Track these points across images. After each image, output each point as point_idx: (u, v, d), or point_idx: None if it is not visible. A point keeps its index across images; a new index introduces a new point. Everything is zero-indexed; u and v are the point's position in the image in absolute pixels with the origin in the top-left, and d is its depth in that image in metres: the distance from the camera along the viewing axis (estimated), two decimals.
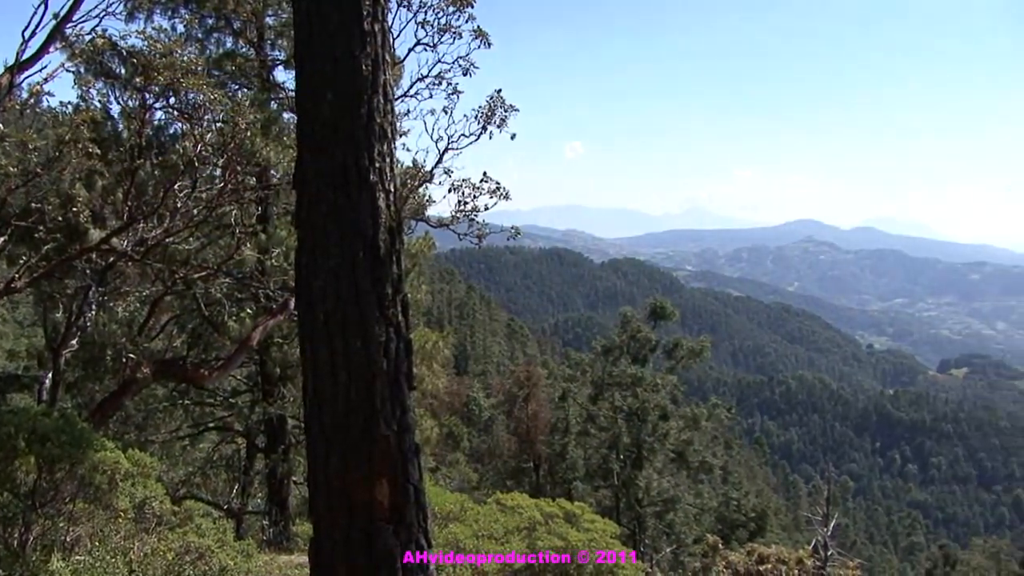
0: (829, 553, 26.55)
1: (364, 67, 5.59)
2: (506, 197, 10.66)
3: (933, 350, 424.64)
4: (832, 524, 29.40)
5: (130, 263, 13.52)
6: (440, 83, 10.64)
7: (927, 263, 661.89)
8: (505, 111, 10.23)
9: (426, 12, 10.14)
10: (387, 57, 5.83)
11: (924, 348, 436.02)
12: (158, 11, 17.96)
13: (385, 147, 5.68)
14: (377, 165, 5.60)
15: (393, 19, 8.58)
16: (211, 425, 23.60)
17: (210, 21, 19.17)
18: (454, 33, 10.31)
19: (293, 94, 6.56)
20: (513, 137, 10.32)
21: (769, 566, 19.57)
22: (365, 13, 5.60)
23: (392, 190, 5.76)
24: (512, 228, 11.64)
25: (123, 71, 13.81)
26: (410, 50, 10.51)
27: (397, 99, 10.71)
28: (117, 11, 14.68)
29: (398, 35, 9.07)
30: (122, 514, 9.26)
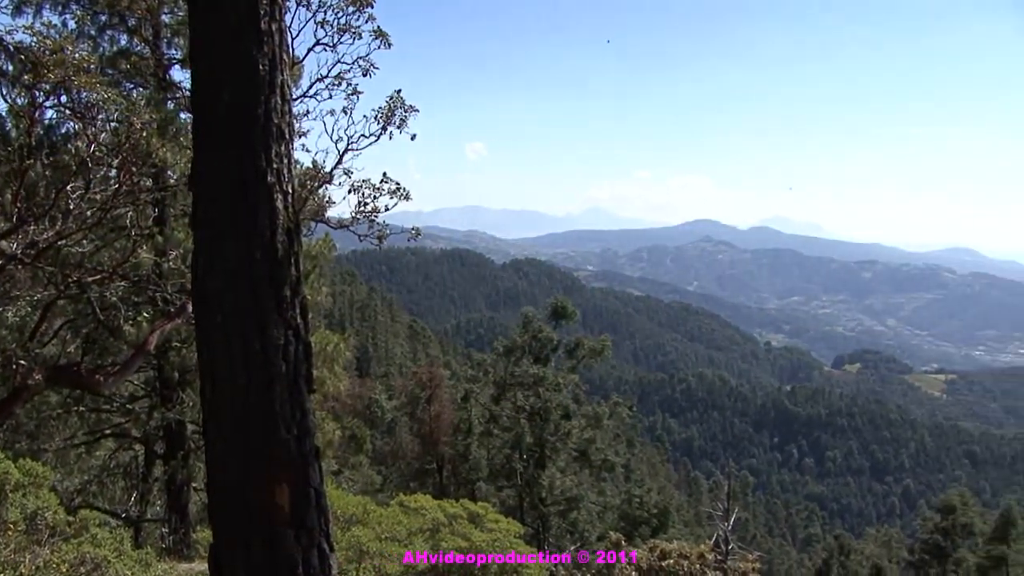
0: (730, 547, 26.97)
1: (261, 67, 5.51)
2: (407, 198, 10.60)
3: (828, 346, 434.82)
4: (732, 518, 29.88)
5: (20, 267, 13.16)
6: (340, 83, 10.53)
7: (821, 262, 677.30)
8: (405, 111, 10.17)
9: (325, 12, 10.01)
10: (285, 57, 5.76)
11: (819, 345, 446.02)
12: (47, 6, 17.53)
13: (283, 148, 5.62)
14: (275, 166, 5.53)
15: (292, 18, 8.46)
16: (107, 432, 23.00)
17: (103, 18, 18.74)
18: (354, 33, 10.21)
19: (190, 94, 6.43)
20: (413, 138, 10.27)
21: (671, 561, 19.76)
22: (262, 12, 5.52)
23: (290, 191, 5.70)
24: (413, 229, 11.57)
25: (10, 68, 13.46)
26: (309, 50, 10.38)
27: (296, 99, 10.59)
28: (3, 4, 14.31)
29: (297, 35, 8.94)
30: (12, 527, 9.02)
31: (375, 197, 10.51)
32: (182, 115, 16.88)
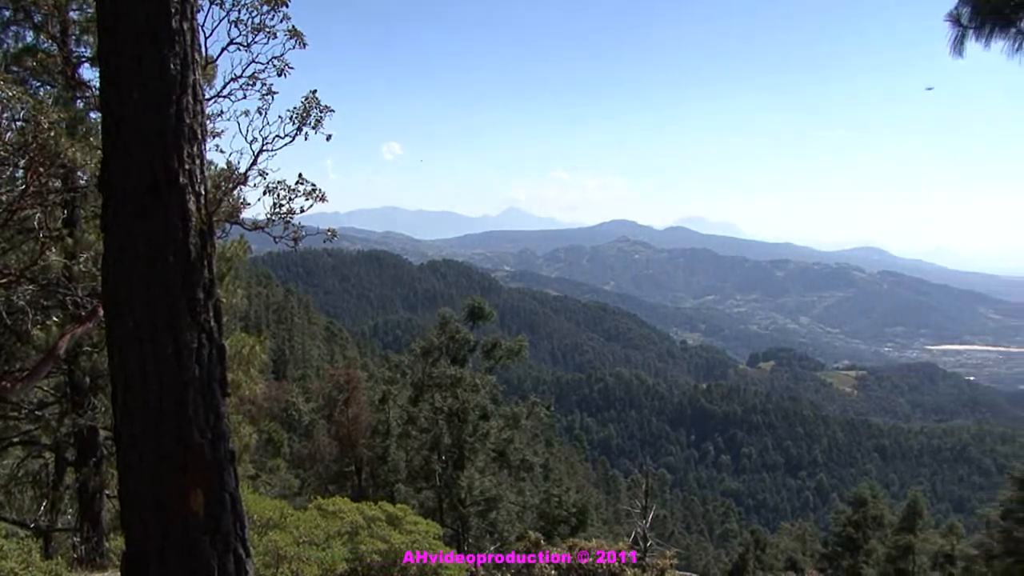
0: (648, 544, 27.22)
1: (172, 66, 5.43)
2: (322, 199, 10.53)
3: (743, 345, 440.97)
4: (650, 516, 30.16)
5: None
6: (254, 83, 10.41)
7: (736, 261, 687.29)
8: (321, 112, 10.10)
9: (239, 11, 9.89)
10: (197, 56, 5.68)
11: (734, 343, 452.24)
12: None
13: (195, 148, 5.54)
14: (187, 167, 5.46)
15: (205, 17, 8.36)
16: (15, 440, 22.40)
17: (7, 13, 18.27)
18: (268, 33, 10.10)
19: (99, 93, 6.27)
20: (329, 138, 10.21)
21: (590, 560, 19.87)
22: (173, 11, 5.44)
23: (203, 192, 5.62)
24: (329, 230, 11.49)
25: None
26: (223, 49, 10.23)
27: (210, 99, 10.47)
28: None
29: (210, 34, 8.82)
30: None
31: (291, 198, 10.40)
32: (92, 115, 16.53)
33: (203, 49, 6.51)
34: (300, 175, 10.29)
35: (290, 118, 9.84)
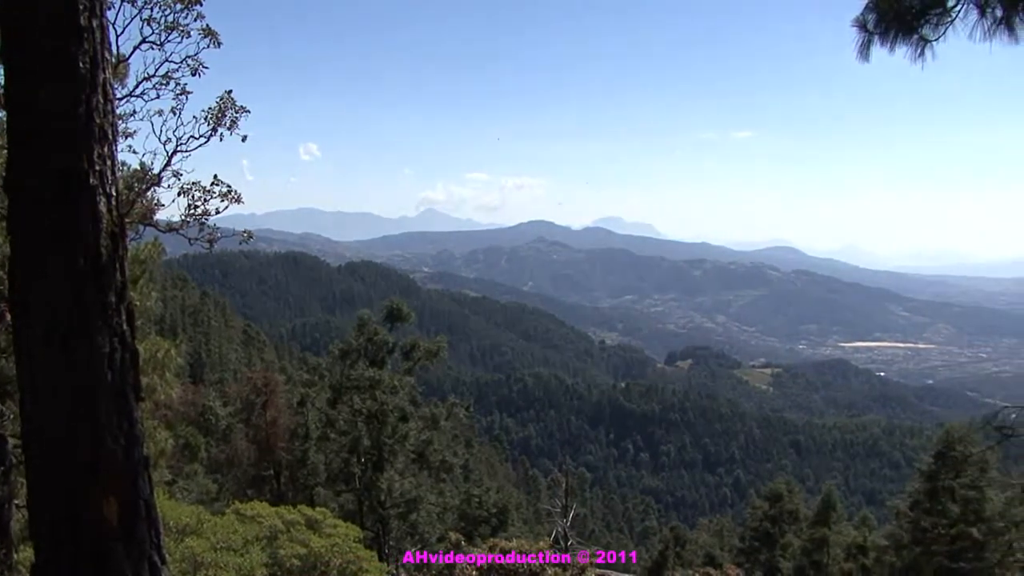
0: (569, 543, 27.33)
1: (81, 64, 5.31)
2: (238, 200, 10.37)
3: (661, 343, 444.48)
4: (571, 515, 30.29)
5: None
6: (168, 83, 10.20)
7: (653, 261, 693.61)
8: (236, 112, 9.95)
9: (152, 8, 9.69)
10: (107, 55, 5.57)
11: (652, 342, 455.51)
12: None
13: (106, 149, 5.43)
14: (97, 168, 5.34)
15: (116, 14, 8.19)
16: None
17: None
18: (182, 31, 9.92)
19: (4, 92, 6.06)
20: (244, 139, 10.07)
21: (510, 560, 19.88)
22: (81, 8, 5.31)
23: (114, 194, 5.50)
24: (245, 232, 11.32)
25: None
26: (135, 48, 10.01)
27: (122, 99, 10.25)
28: None
29: (122, 32, 8.64)
30: None
31: (206, 200, 10.22)
32: None
33: (114, 47, 6.36)
34: (215, 176, 10.13)
35: (205, 118, 9.68)
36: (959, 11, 7.23)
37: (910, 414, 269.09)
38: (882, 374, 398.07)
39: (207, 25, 9.83)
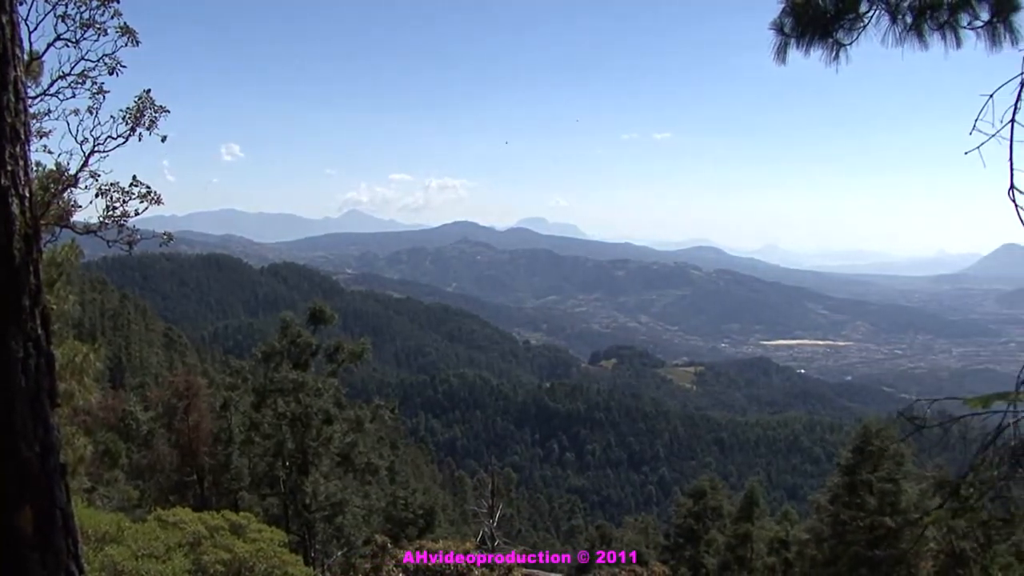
0: (495, 543, 27.36)
1: None
2: (158, 201, 10.23)
3: (585, 343, 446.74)
4: (497, 515, 30.34)
5: None
6: (84, 82, 10.01)
7: (576, 262, 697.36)
8: (155, 112, 9.80)
9: (67, 5, 9.50)
10: (18, 52, 5.41)
11: (577, 342, 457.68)
12: None
13: (18, 149, 5.26)
14: (9, 168, 5.17)
15: (28, 10, 8.00)
16: None
17: None
18: (98, 29, 9.73)
19: None
20: (164, 140, 9.92)
21: (437, 561, 19.85)
22: None
23: (27, 195, 5.34)
24: (165, 234, 11.17)
25: None
26: (49, 45, 9.80)
27: (36, 98, 10.03)
28: None
29: (35, 28, 8.45)
30: None
31: (124, 201, 10.05)
32: None
33: (27, 44, 6.20)
34: (134, 177, 9.97)
35: (123, 118, 9.53)
36: (871, 16, 7.36)
37: (830, 410, 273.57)
38: (802, 371, 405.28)
39: (125, 23, 9.66)
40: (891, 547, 33.85)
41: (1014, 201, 6.89)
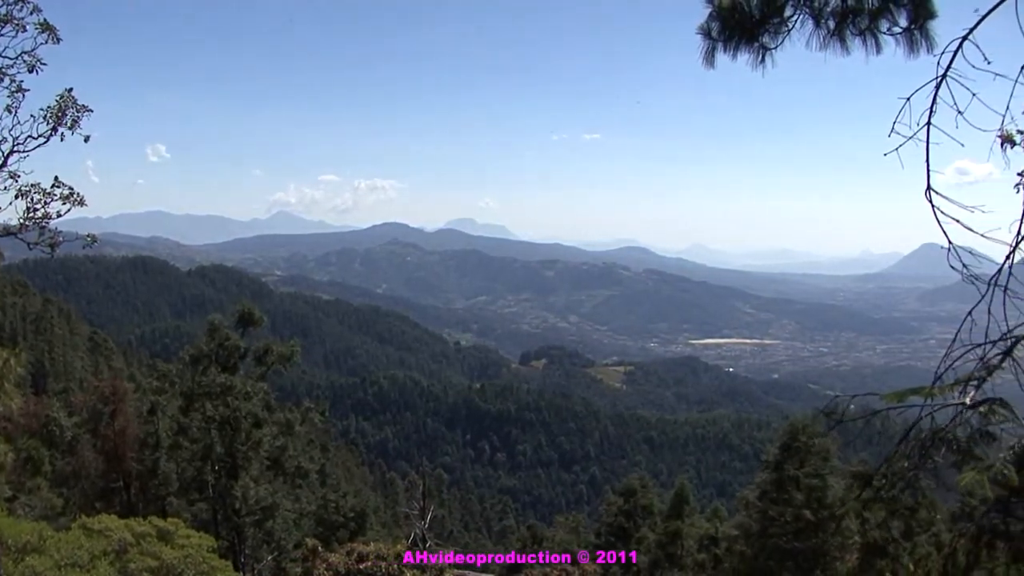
0: (427, 544, 27.33)
1: None
2: (81, 203, 10.06)
3: (515, 344, 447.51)
4: (429, 516, 30.30)
5: None
6: (2, 79, 9.84)
7: (506, 262, 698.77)
8: (78, 111, 9.65)
9: None
10: None
11: (507, 342, 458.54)
12: None
13: None
14: None
15: None
16: None
17: None
18: (17, 25, 9.57)
19: None
20: (87, 140, 9.77)
21: (368, 563, 19.82)
22: None
23: None
24: (88, 236, 10.99)
25: None
26: None
27: None
28: None
29: None
30: None
31: (46, 202, 9.88)
32: None
33: None
34: (56, 178, 9.81)
35: (44, 117, 9.38)
36: (796, 21, 7.49)
37: (757, 408, 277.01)
38: (730, 370, 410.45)
39: (44, 19, 9.51)
40: (819, 541, 34.47)
41: (931, 202, 7.07)
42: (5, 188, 9.40)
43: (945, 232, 7.06)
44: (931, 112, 7.00)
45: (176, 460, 40.84)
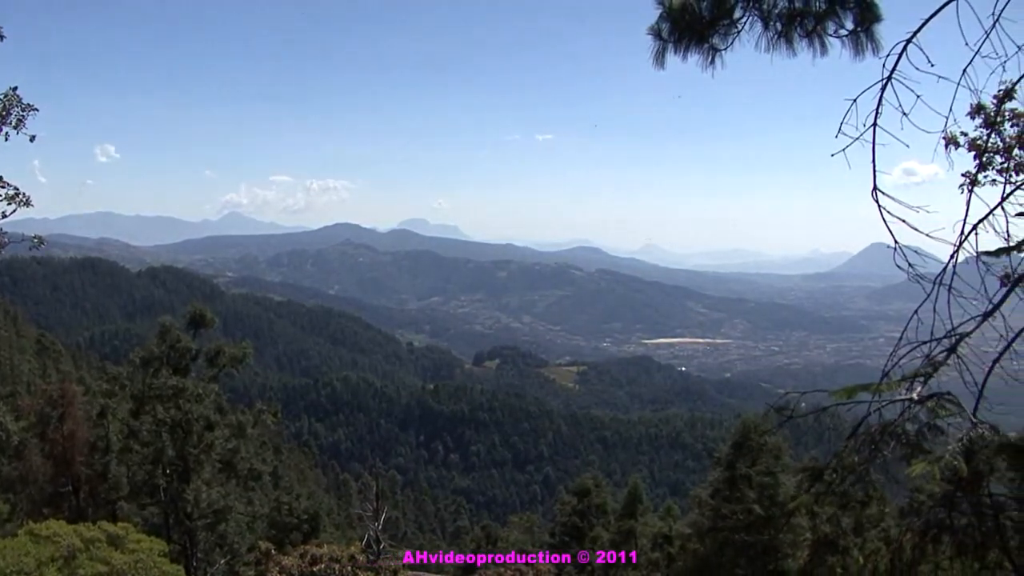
0: (381, 546, 27.28)
1: None
2: (28, 204, 9.93)
3: (468, 344, 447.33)
4: (382, 518, 30.26)
5: None
6: None
7: (458, 263, 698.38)
8: (23, 110, 9.52)
9: None
10: None
11: (460, 343, 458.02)
12: None
13: None
14: None
15: None
16: None
17: None
18: None
19: None
20: (33, 139, 9.64)
21: (322, 566, 19.76)
22: None
23: None
24: (35, 237, 10.86)
25: None
26: None
27: None
28: None
29: None
30: None
31: None
32: None
33: None
34: (0, 178, 9.68)
35: None
36: (745, 23, 7.56)
37: (710, 407, 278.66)
38: (683, 369, 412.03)
39: None
40: (771, 538, 34.79)
41: (877, 202, 7.18)
42: None
43: (891, 232, 7.18)
44: (877, 113, 7.10)
45: (127, 464, 40.40)
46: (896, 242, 7.21)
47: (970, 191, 8.26)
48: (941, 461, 6.64)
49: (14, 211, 9.53)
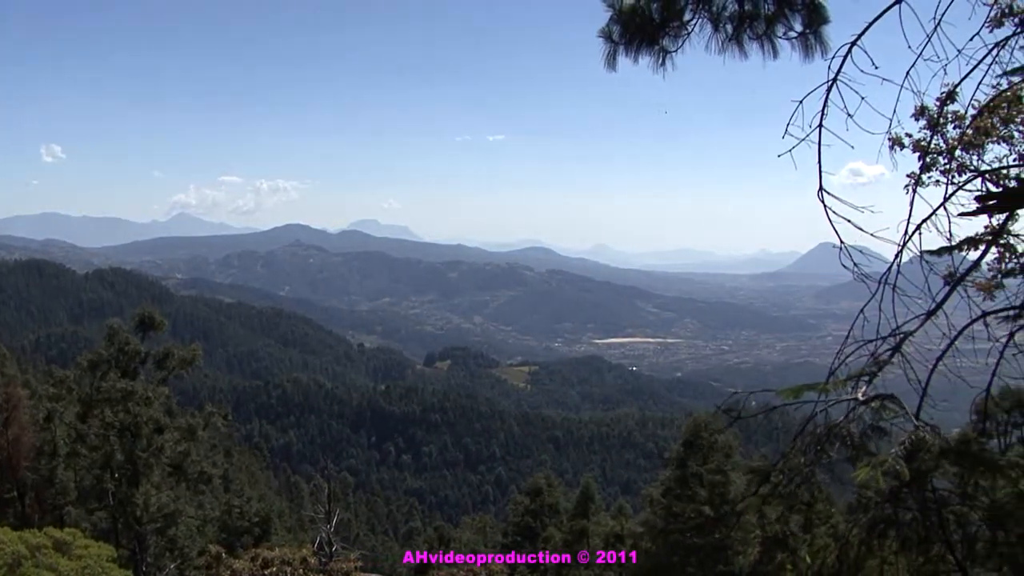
0: (333, 548, 27.20)
1: None
2: None
3: (420, 345, 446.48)
4: (334, 520, 30.17)
5: None
6: None
7: (409, 263, 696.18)
8: None
9: None
10: None
11: (411, 344, 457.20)
12: None
13: None
14: None
15: None
16: None
17: None
18: None
19: None
20: None
21: (274, 569, 19.68)
22: None
23: None
24: None
25: None
26: None
27: None
28: None
29: None
30: None
31: None
32: None
33: None
34: None
35: None
36: (695, 25, 7.61)
37: (661, 406, 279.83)
38: (634, 368, 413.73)
39: None
40: (722, 536, 35.08)
41: (823, 202, 7.30)
42: None
43: (837, 232, 7.29)
44: (823, 115, 7.21)
45: (74, 468, 39.99)
46: (842, 242, 7.32)
47: (914, 191, 8.40)
48: (884, 465, 6.76)
49: None
